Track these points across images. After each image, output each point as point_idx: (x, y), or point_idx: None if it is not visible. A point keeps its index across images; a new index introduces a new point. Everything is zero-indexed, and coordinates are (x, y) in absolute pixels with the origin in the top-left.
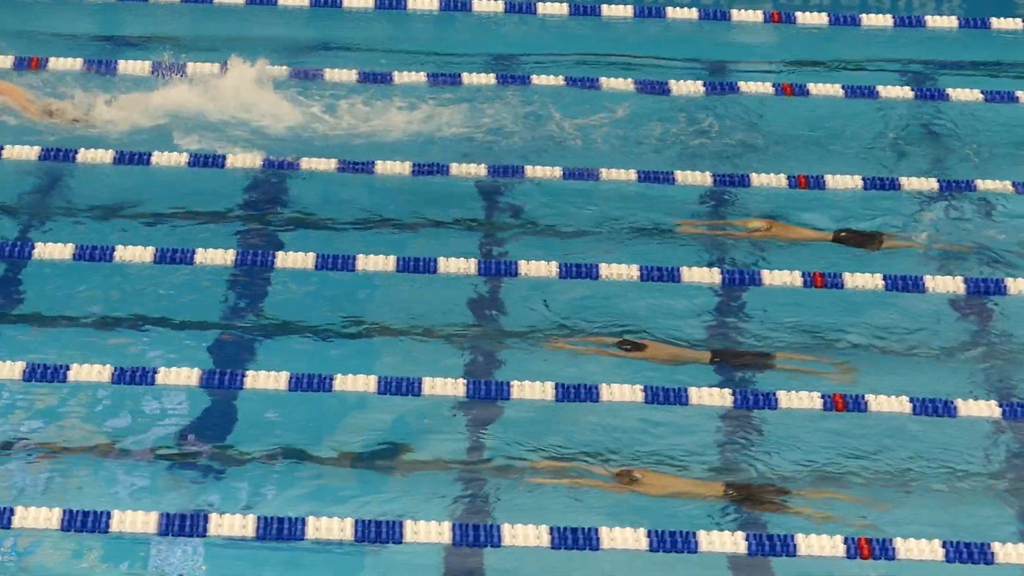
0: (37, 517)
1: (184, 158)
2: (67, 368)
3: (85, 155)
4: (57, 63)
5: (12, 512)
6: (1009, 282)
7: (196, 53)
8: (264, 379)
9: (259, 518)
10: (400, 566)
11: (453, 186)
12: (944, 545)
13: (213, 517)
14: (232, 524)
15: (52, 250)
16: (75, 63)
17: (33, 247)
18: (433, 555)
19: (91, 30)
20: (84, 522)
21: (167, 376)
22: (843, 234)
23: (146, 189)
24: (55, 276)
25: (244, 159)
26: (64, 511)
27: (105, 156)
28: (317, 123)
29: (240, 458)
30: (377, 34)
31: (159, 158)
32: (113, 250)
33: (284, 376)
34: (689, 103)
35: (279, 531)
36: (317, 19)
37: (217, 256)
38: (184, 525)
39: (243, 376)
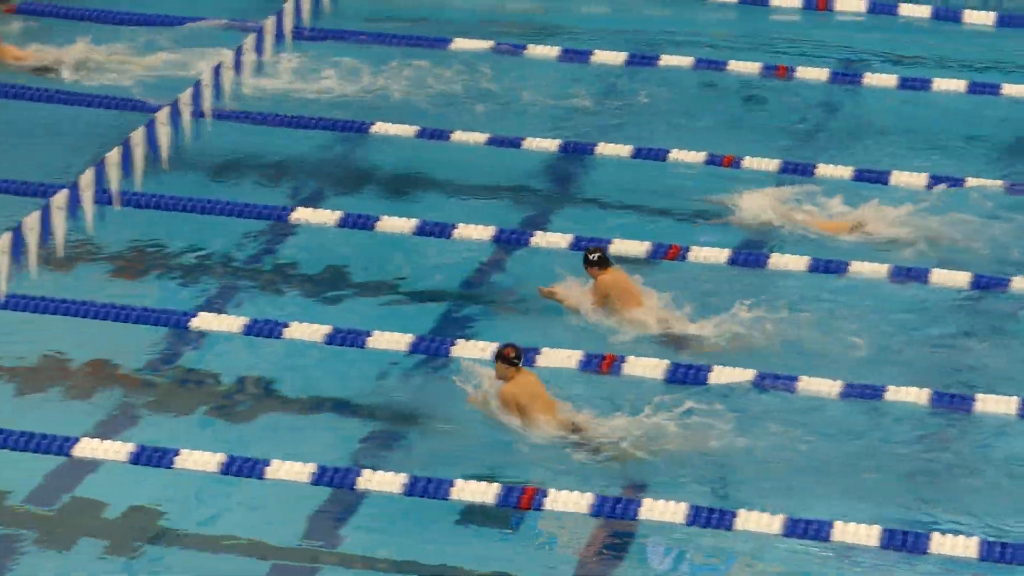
0: (759, 522)
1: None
2: (707, 370)
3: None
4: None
5: (734, 516)
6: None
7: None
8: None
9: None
10: None
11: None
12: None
13: (936, 536)
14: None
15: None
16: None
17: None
18: None
19: None
20: (806, 530)
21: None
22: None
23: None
24: None
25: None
26: (787, 519)
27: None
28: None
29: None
30: None
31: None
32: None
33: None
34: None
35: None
36: None
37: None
38: (905, 542)
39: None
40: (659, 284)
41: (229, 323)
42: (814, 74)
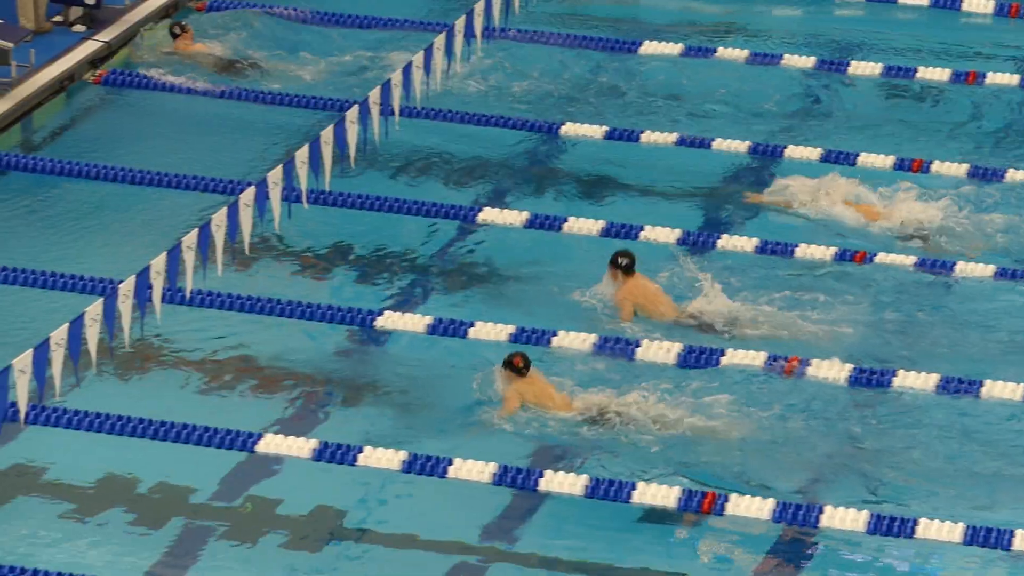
0: (940, 530)
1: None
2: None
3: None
4: None
5: (915, 523)
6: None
7: None
8: None
9: None
10: None
11: None
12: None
13: None
14: None
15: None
16: None
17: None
18: None
19: None
20: (987, 538)
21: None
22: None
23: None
24: None
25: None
26: (967, 527)
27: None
28: None
29: None
30: None
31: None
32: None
33: None
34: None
35: None
36: None
37: None
38: None
39: None
40: (839, 287)
41: (414, 322)
42: (1004, 79)
